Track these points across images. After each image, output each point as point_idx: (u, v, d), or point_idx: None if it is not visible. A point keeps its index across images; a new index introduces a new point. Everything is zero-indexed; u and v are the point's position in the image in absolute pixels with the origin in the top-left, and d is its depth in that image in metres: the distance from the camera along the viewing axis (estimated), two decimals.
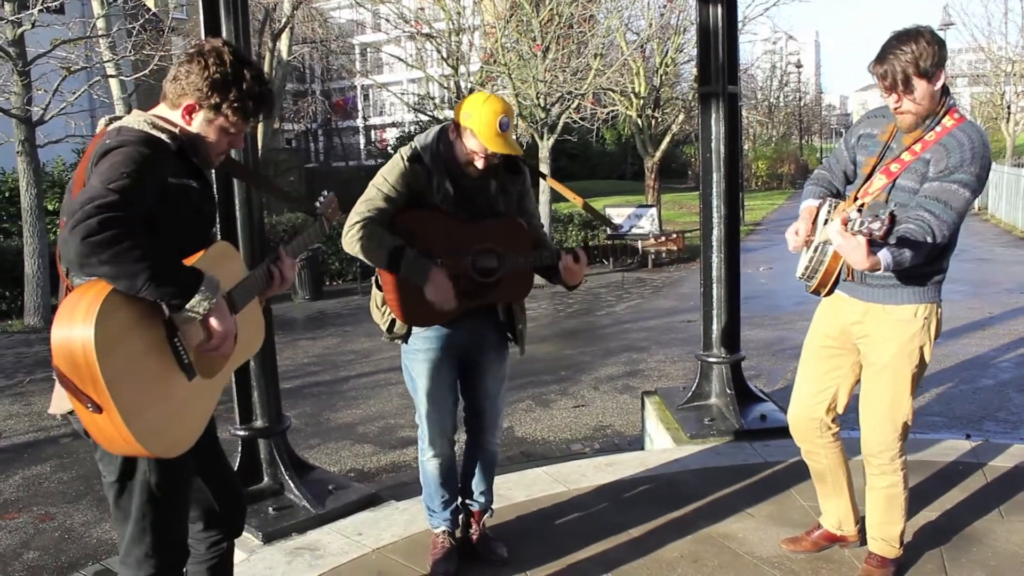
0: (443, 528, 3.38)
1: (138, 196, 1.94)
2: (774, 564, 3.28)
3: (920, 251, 2.63)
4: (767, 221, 25.21)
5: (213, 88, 2.15)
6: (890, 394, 2.93)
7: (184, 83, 2.17)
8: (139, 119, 2.14)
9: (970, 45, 30.60)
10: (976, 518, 3.58)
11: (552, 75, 14.14)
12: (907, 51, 2.65)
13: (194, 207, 2.18)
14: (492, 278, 3.09)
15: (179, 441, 2.10)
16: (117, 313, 1.90)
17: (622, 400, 6.90)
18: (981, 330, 8.80)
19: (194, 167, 2.22)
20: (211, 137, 2.23)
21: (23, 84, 11.28)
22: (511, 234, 3.12)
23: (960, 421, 5.89)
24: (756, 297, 11.18)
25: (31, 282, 11.65)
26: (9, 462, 5.87)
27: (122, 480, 2.18)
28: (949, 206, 2.67)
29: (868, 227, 2.40)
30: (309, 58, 37.42)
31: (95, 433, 1.96)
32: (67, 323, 1.88)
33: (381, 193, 3.01)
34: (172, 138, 2.15)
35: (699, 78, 5.16)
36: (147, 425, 1.95)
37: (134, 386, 1.93)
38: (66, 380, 1.89)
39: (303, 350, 9.56)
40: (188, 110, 2.18)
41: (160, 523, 2.22)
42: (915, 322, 2.87)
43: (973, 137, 2.73)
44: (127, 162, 1.97)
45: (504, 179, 3.15)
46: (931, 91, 2.72)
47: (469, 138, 2.95)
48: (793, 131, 52.72)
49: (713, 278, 5.07)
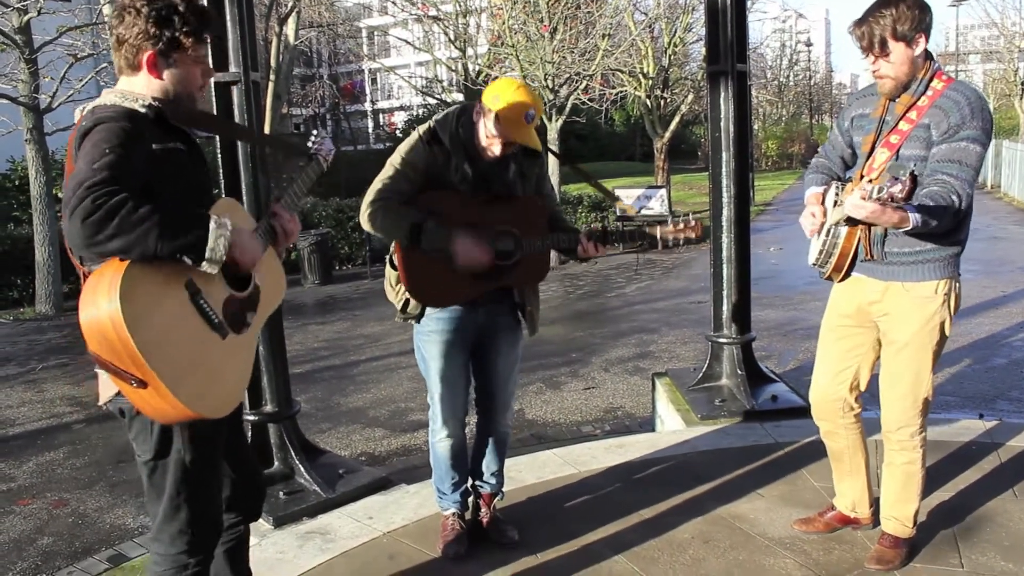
0: (453, 510, 3.38)
1: (126, 169, 1.93)
2: (786, 545, 3.27)
3: (947, 213, 2.61)
4: (777, 201, 25.07)
5: (159, 24, 2.10)
6: (912, 371, 2.90)
7: (131, 41, 2.11)
8: (111, 96, 2.12)
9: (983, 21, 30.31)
10: (989, 498, 3.56)
11: (560, 56, 14.04)
12: (886, 14, 2.66)
13: (186, 170, 2.17)
14: (510, 260, 3.07)
15: (227, 400, 2.14)
16: (139, 286, 1.90)
17: (633, 382, 6.88)
18: (994, 309, 8.73)
19: (176, 131, 2.18)
20: (187, 76, 2.18)
21: (30, 72, 11.28)
22: (529, 217, 3.11)
23: (973, 401, 5.85)
24: (767, 277, 11.13)
25: (42, 270, 11.70)
26: (22, 449, 5.91)
27: (157, 458, 2.21)
28: (964, 164, 2.65)
29: (889, 191, 2.35)
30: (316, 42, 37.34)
31: (144, 408, 1.99)
32: (92, 305, 1.89)
33: (398, 171, 3.00)
34: (146, 107, 2.10)
35: (708, 57, 5.11)
36: (193, 389, 1.98)
37: (171, 354, 1.94)
38: (104, 362, 1.91)
39: (313, 335, 9.57)
40: (151, 63, 2.12)
41: (194, 499, 2.25)
42: (935, 299, 2.84)
43: (967, 93, 2.72)
44: (108, 138, 1.95)
45: (523, 163, 3.13)
46: (909, 55, 2.71)
47: (491, 121, 2.93)
48: (803, 110, 52.32)
49: (723, 258, 5.04)
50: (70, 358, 8.59)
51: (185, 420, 2.07)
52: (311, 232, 13.78)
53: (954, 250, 2.84)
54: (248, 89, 3.88)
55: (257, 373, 4.05)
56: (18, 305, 12.36)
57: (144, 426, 2.17)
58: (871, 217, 2.56)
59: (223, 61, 3.86)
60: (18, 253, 12.46)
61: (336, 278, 14.08)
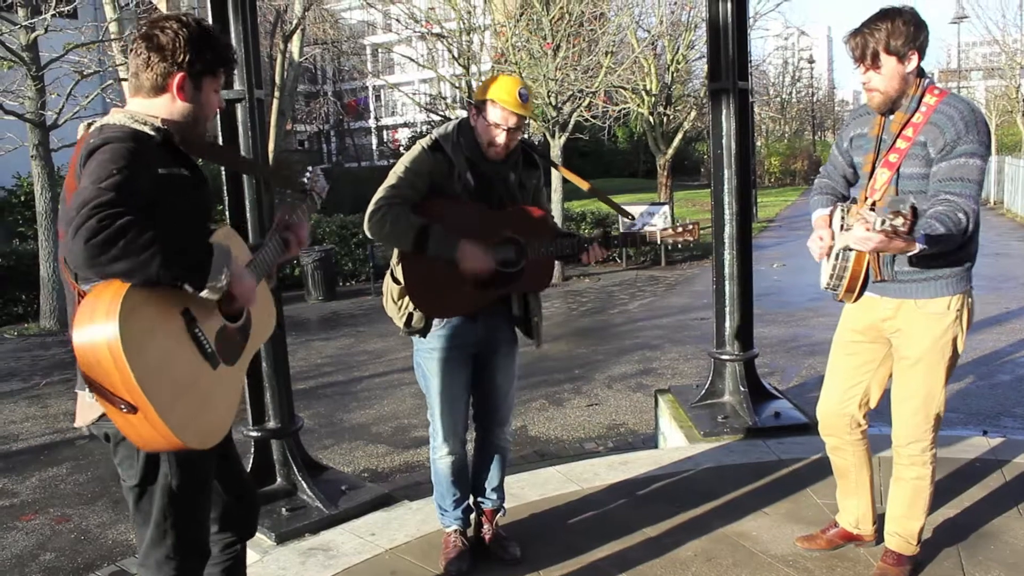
0: (455, 527, 3.38)
1: (132, 190, 1.92)
2: (789, 562, 3.26)
3: (955, 231, 2.60)
4: (780, 218, 25.07)
5: (195, 49, 2.13)
6: (925, 387, 2.90)
7: (165, 63, 2.13)
8: (119, 116, 2.12)
9: (984, 38, 30.34)
10: (994, 516, 3.55)
11: (563, 73, 14.09)
12: (881, 27, 2.69)
13: (189, 196, 2.16)
14: (515, 267, 3.09)
15: (214, 430, 2.11)
16: (138, 310, 1.89)
17: (635, 398, 6.87)
18: (998, 325, 8.72)
19: (181, 156, 2.19)
20: (207, 104, 2.22)
21: (37, 88, 11.35)
22: (533, 222, 3.14)
23: (977, 417, 5.83)
24: (770, 294, 11.12)
25: (47, 285, 11.73)
26: (26, 464, 5.91)
27: (143, 484, 2.18)
28: (966, 180, 2.66)
29: (891, 224, 2.35)
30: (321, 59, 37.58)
31: (130, 434, 1.96)
32: (88, 326, 1.86)
33: (403, 179, 3.02)
34: (155, 130, 2.12)
35: (709, 74, 5.14)
36: (183, 418, 1.96)
37: (165, 381, 1.93)
38: (96, 385, 1.88)
39: (316, 351, 9.58)
40: (179, 85, 2.15)
41: (181, 525, 2.22)
42: (948, 315, 2.84)
43: (960, 107, 2.73)
44: (115, 158, 1.94)
45: (522, 174, 3.18)
46: (900, 71, 2.73)
47: (491, 109, 2.99)
48: (806, 127, 52.39)
49: (725, 275, 5.04)
50: (74, 374, 8.56)
51: (171, 449, 2.04)
52: (315, 248, 13.81)
53: (965, 265, 2.84)
54: (252, 106, 3.91)
55: (260, 389, 4.06)
56: (22, 320, 12.38)
57: (130, 451, 2.15)
58: (878, 248, 2.56)
59: (228, 78, 3.89)
60: (23, 269, 12.49)
61: (340, 294, 14.10)
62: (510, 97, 2.97)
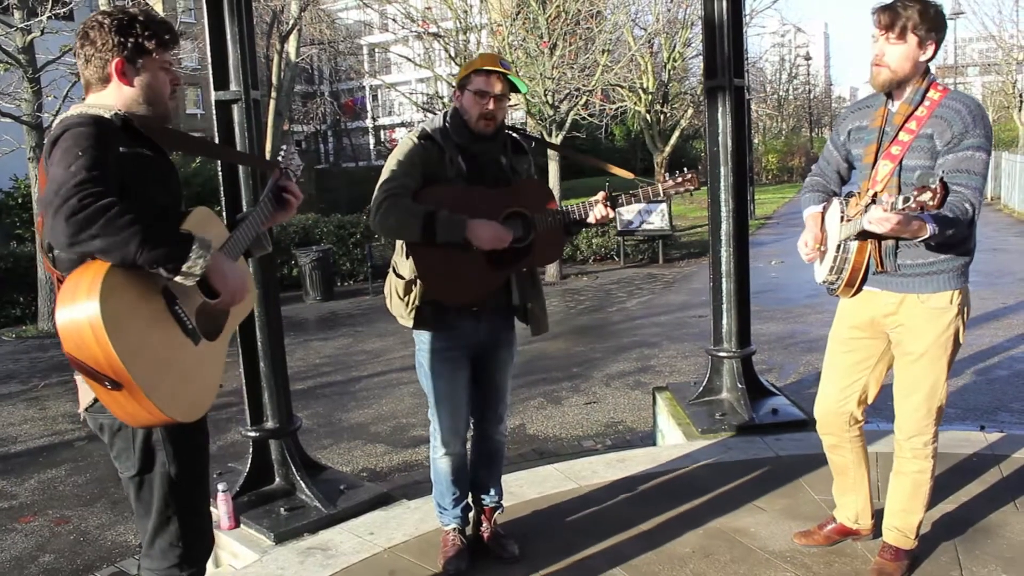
0: (454, 526, 3.39)
1: (102, 168, 1.95)
2: (786, 558, 3.27)
3: (962, 222, 2.63)
4: (778, 215, 25.07)
5: (121, 33, 2.16)
6: (928, 381, 2.91)
7: (99, 54, 2.17)
8: (76, 108, 2.17)
9: (981, 34, 30.42)
10: (991, 510, 3.55)
11: (560, 72, 14.10)
12: (913, 7, 2.72)
13: (152, 174, 2.19)
14: (526, 242, 3.09)
15: (198, 404, 2.15)
16: (118, 289, 1.92)
17: (633, 396, 6.88)
18: (995, 320, 8.73)
19: (142, 138, 2.21)
20: (155, 82, 2.23)
21: (33, 91, 11.35)
22: (536, 194, 3.15)
23: (974, 412, 5.85)
24: (767, 291, 11.13)
25: (44, 287, 11.72)
26: (24, 466, 5.92)
27: (141, 473, 2.21)
28: (972, 172, 2.68)
29: (917, 200, 2.34)
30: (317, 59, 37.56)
31: (116, 410, 1.99)
32: (70, 307, 1.89)
33: (396, 172, 3.02)
34: (113, 115, 2.15)
35: (705, 72, 5.14)
36: (167, 393, 1.99)
37: (147, 358, 1.96)
38: (80, 363, 1.91)
39: (315, 351, 9.58)
40: (119, 70, 2.18)
41: (183, 512, 2.25)
42: (951, 309, 2.85)
43: (967, 102, 2.75)
44: (78, 141, 1.99)
45: (512, 159, 3.20)
46: (915, 55, 2.75)
47: (475, 79, 3.02)
48: (803, 124, 52.46)
49: (722, 272, 5.05)
50: (72, 376, 8.57)
51: (158, 424, 2.09)
52: (312, 248, 13.82)
53: (965, 259, 2.85)
54: (249, 107, 3.91)
55: (258, 389, 4.07)
56: (20, 323, 12.38)
57: (126, 443, 2.19)
58: (894, 230, 2.55)
59: (224, 79, 3.90)
60: (21, 271, 12.49)
61: (338, 294, 14.10)
62: (493, 63, 3.01)
